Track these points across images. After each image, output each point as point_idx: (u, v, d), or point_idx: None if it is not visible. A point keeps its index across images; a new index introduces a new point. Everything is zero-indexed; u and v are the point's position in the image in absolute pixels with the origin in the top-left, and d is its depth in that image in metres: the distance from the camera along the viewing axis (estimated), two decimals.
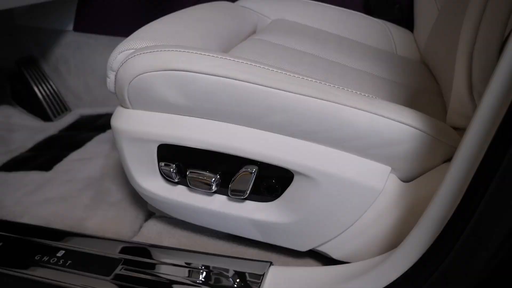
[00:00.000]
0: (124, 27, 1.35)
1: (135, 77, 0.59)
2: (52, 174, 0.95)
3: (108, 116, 1.28)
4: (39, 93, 1.37)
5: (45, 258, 0.66)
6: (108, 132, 1.14)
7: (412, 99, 0.72)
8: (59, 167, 0.98)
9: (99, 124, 1.24)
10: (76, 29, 1.34)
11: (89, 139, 1.12)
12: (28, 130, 1.24)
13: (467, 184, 0.40)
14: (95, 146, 1.06)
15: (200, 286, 0.58)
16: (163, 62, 0.57)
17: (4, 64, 1.37)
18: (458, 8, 0.70)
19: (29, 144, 1.15)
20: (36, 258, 0.66)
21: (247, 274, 0.59)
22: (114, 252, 0.66)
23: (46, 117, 1.35)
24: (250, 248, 0.69)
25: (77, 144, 1.10)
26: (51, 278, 0.62)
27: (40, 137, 1.19)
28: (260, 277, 0.58)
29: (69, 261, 0.65)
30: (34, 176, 0.94)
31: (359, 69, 0.80)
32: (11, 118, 1.28)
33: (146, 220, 0.78)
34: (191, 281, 0.59)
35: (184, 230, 0.73)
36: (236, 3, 1.05)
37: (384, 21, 1.04)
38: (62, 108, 1.41)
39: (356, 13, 1.05)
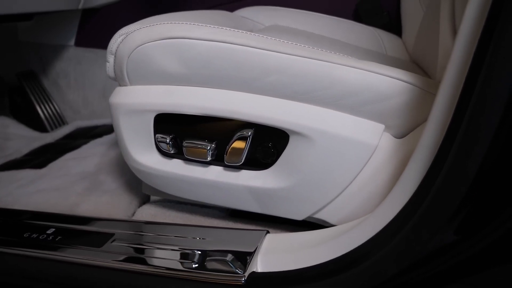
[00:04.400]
0: None
1: (134, 50, 0.61)
2: (46, 170, 0.94)
3: (105, 126, 1.29)
4: (38, 107, 1.39)
5: (34, 235, 0.64)
6: (105, 137, 1.14)
7: None
8: (53, 165, 0.97)
9: (95, 132, 1.25)
10: (78, 44, 1.38)
11: (85, 143, 1.12)
12: (24, 139, 1.24)
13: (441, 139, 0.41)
14: (91, 147, 1.06)
15: (194, 252, 0.56)
16: (161, 32, 0.59)
17: (5, 78, 1.40)
18: None
19: (25, 150, 1.15)
20: (25, 235, 0.64)
21: (242, 243, 0.57)
22: (106, 228, 0.64)
23: (43, 131, 1.36)
24: (246, 226, 0.67)
25: (73, 148, 1.10)
26: (40, 252, 0.60)
27: (36, 144, 1.19)
28: (256, 245, 0.56)
29: (59, 237, 0.63)
30: (27, 173, 0.94)
31: None
32: (8, 128, 1.29)
33: (140, 206, 0.77)
34: (185, 249, 0.57)
35: (179, 212, 0.72)
36: (233, 12, 1.11)
37: (374, 28, 1.09)
38: (60, 123, 1.42)
39: (346, 20, 1.10)
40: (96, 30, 1.35)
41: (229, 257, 0.54)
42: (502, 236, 0.36)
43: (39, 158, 1.05)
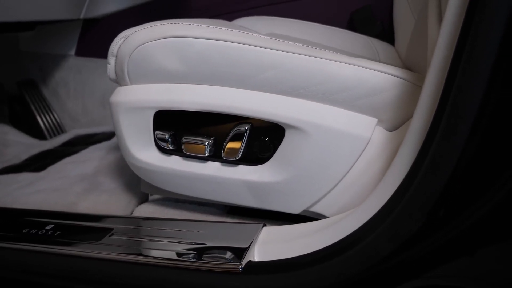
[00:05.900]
0: None
1: (135, 49, 0.63)
2: (45, 173, 0.95)
3: (103, 134, 1.30)
4: (38, 116, 1.41)
5: (33, 231, 0.64)
6: (104, 143, 1.16)
7: None
8: (52, 168, 0.98)
9: (94, 139, 1.26)
10: (78, 53, 1.41)
11: (84, 149, 1.13)
12: (23, 146, 1.25)
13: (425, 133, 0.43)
14: (90, 152, 1.07)
15: (192, 244, 0.56)
16: (162, 31, 0.61)
17: (5, 86, 1.42)
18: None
19: (24, 156, 1.16)
20: (24, 231, 0.65)
21: (240, 235, 0.58)
22: (105, 224, 0.65)
23: (42, 139, 1.37)
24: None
25: (72, 154, 1.11)
26: (39, 246, 0.61)
27: (34, 151, 1.20)
28: (253, 237, 0.57)
29: (58, 232, 0.63)
30: (26, 176, 0.94)
31: None
32: (7, 135, 1.30)
33: (139, 205, 0.78)
34: (183, 241, 0.58)
35: (177, 209, 0.73)
36: (231, 22, 1.14)
37: (368, 36, 1.13)
38: (59, 131, 1.44)
39: (341, 29, 1.14)
40: (97, 40, 1.38)
41: (227, 248, 0.55)
42: (488, 214, 0.38)
43: (37, 163, 1.06)
